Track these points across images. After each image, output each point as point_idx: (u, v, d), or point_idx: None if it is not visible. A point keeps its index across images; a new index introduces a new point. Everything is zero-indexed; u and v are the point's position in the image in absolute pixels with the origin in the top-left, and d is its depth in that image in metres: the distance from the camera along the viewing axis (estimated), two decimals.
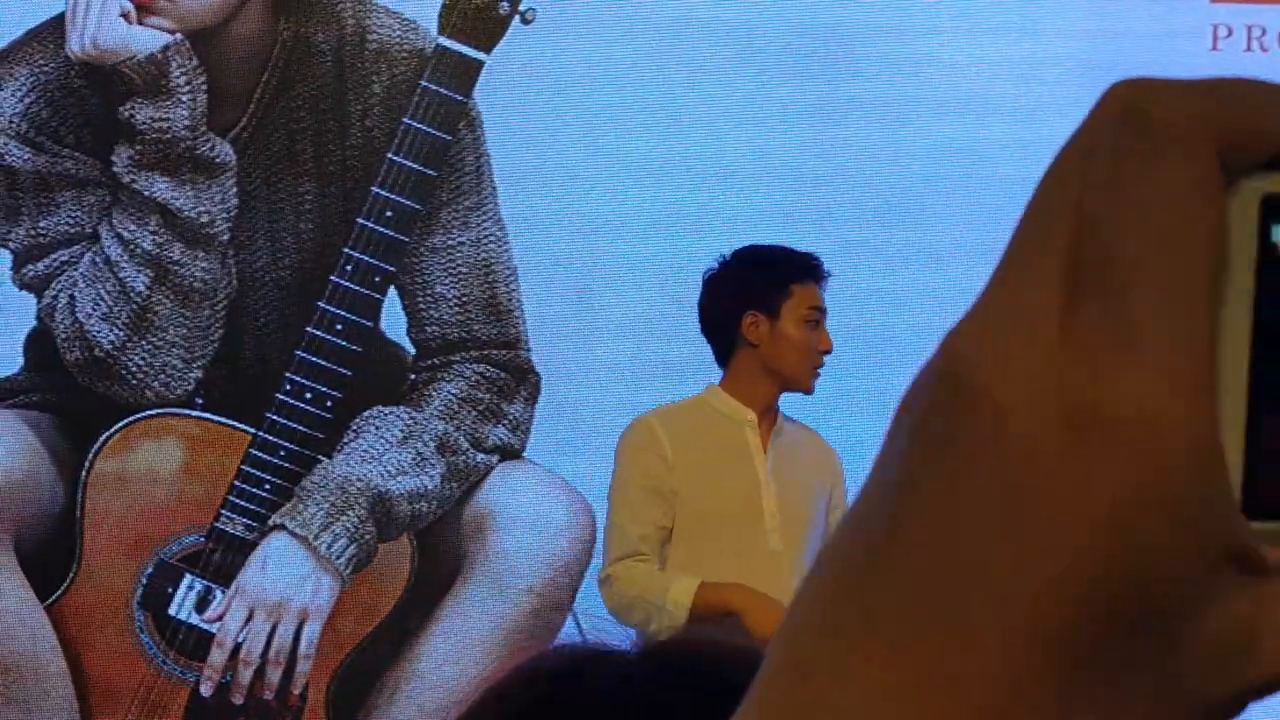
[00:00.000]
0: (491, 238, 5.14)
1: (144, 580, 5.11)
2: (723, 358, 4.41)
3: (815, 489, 4.29)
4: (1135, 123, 0.45)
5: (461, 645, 4.99)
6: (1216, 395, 0.44)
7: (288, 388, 5.06)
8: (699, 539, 4.26)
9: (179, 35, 5.04)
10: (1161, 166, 0.44)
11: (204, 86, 5.05)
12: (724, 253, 4.42)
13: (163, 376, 5.12)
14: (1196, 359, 0.43)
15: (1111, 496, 0.43)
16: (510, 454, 5.15)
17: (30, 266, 5.15)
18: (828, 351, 4.32)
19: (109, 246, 5.10)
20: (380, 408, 5.07)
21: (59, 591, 5.10)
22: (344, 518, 5.00)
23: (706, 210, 5.18)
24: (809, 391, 4.36)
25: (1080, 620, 0.43)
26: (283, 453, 5.06)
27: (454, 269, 5.12)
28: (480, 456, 5.12)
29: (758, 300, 4.28)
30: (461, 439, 5.09)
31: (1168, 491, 0.43)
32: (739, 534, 4.23)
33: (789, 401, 4.41)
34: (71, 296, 5.12)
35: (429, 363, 5.14)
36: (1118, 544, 0.43)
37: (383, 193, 5.05)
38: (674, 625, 4.07)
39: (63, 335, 5.13)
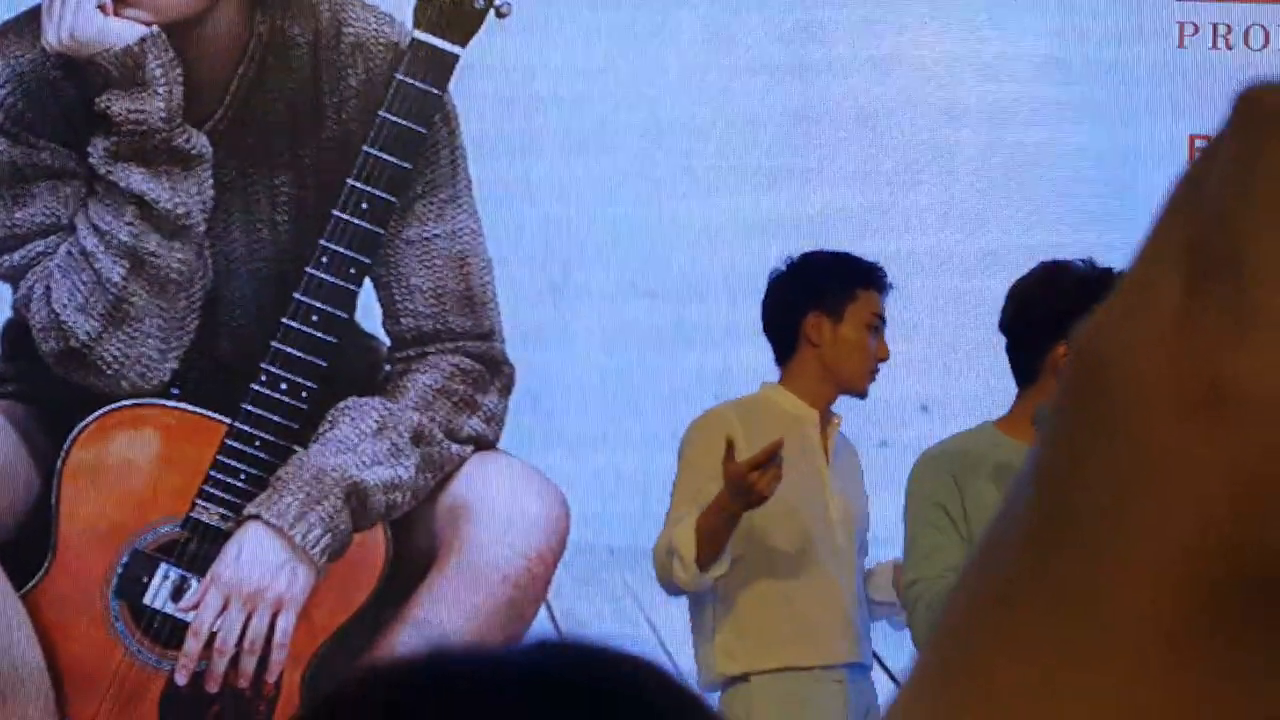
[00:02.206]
0: (466, 230, 5.18)
1: (119, 569, 5.13)
2: (782, 357, 4.46)
3: (861, 491, 4.46)
4: (1250, 118, 0.46)
5: (436, 635, 5.02)
6: None
7: (263, 378, 5.09)
8: (767, 532, 4.29)
9: (155, 27, 5.07)
10: (1276, 159, 0.46)
11: (180, 79, 5.08)
12: (791, 255, 4.48)
13: (138, 367, 5.15)
14: None
15: (1242, 470, 0.45)
16: (484, 445, 5.19)
17: (6, 257, 5.17)
18: (884, 359, 4.39)
19: (85, 237, 5.12)
20: (355, 398, 5.11)
21: (34, 581, 5.12)
22: (319, 507, 5.03)
23: (680, 209, 5.22)
24: (863, 395, 4.46)
25: (1216, 590, 0.44)
26: (258, 443, 5.09)
27: (429, 261, 5.16)
28: (455, 447, 5.15)
29: (822, 302, 4.34)
30: (436, 430, 5.13)
31: None
32: (807, 529, 4.29)
33: None
34: (47, 287, 5.14)
35: (404, 354, 5.18)
36: (1249, 517, 0.44)
37: (358, 185, 5.08)
38: (687, 565, 4.14)
39: (38, 326, 5.15)
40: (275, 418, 5.08)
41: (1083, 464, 0.46)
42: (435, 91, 5.09)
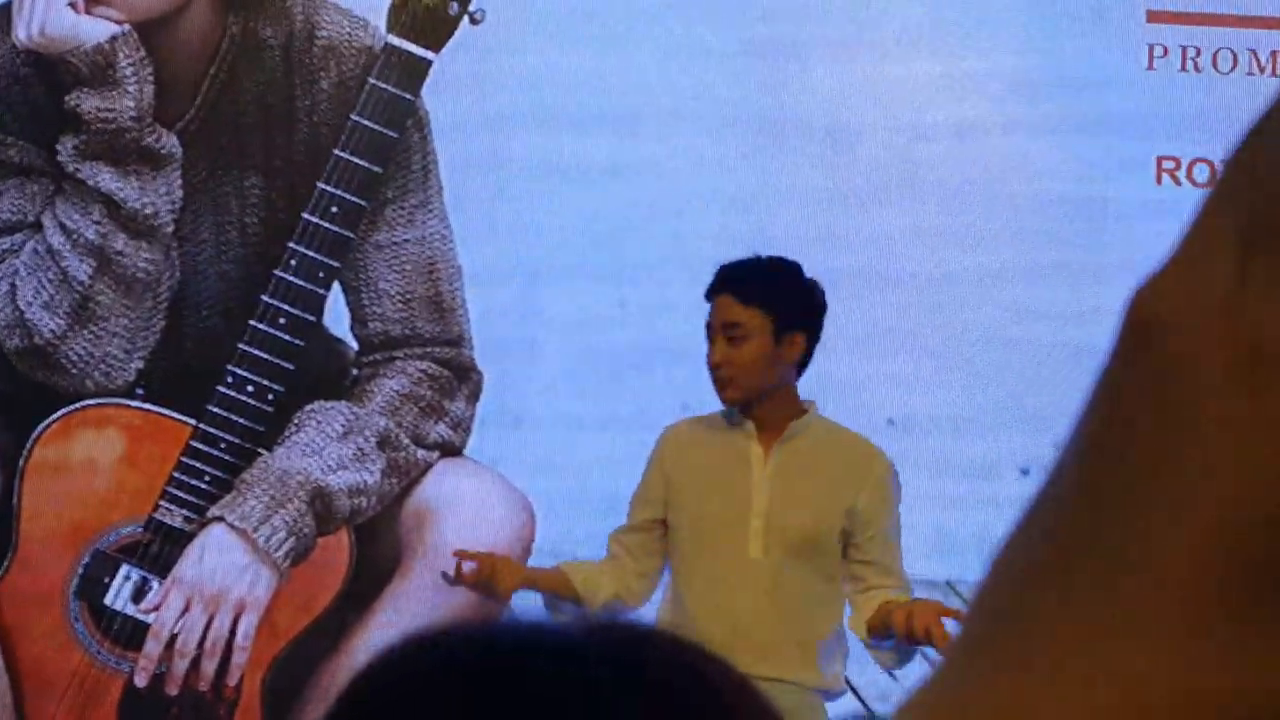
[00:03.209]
0: (436, 236, 5.18)
1: (80, 569, 5.11)
2: None
3: (826, 496, 4.23)
4: None
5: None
6: None
7: (229, 380, 5.07)
8: (687, 545, 4.30)
9: (127, 26, 5.05)
10: None
11: (151, 78, 5.06)
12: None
13: (103, 366, 5.12)
14: None
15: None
16: (451, 451, 5.18)
17: None
18: (711, 367, 4.29)
19: (51, 235, 5.10)
20: (322, 402, 5.09)
21: None
22: (283, 510, 5.02)
23: (653, 214, 5.23)
24: (723, 404, 4.35)
25: (1256, 553, 0.45)
26: (223, 445, 5.07)
27: (398, 266, 5.15)
28: (421, 453, 5.15)
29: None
30: (402, 435, 5.12)
31: None
32: (721, 541, 4.26)
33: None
34: (13, 285, 5.11)
35: (371, 359, 5.17)
36: None
37: (329, 189, 5.07)
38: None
39: (3, 323, 5.12)
40: (241, 420, 5.07)
41: (1132, 427, 0.47)
42: (407, 96, 5.09)
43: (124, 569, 5.10)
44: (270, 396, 5.07)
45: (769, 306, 4.20)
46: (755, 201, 5.24)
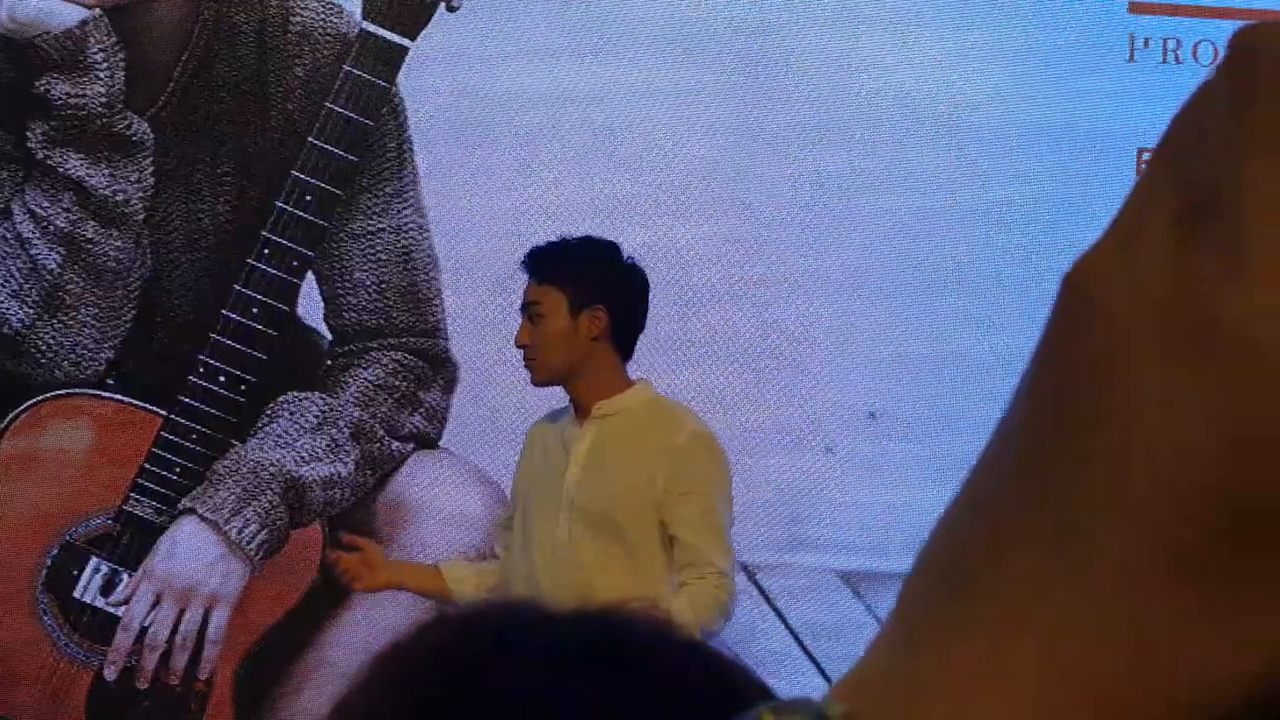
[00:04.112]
0: (412, 225, 5.12)
1: (49, 562, 5.04)
2: None
3: (628, 475, 4.12)
4: (1244, 60, 0.46)
5: (373, 634, 4.96)
6: None
7: (201, 370, 5.01)
8: (518, 536, 4.33)
9: (98, 10, 4.98)
10: (1270, 98, 0.45)
11: (122, 63, 4.99)
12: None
13: (73, 356, 5.06)
14: None
15: (1228, 405, 0.43)
16: (426, 443, 5.13)
17: None
18: (519, 346, 4.26)
19: (20, 223, 5.03)
20: (295, 393, 5.04)
21: None
22: (256, 503, 4.96)
23: (630, 202, 5.19)
24: (534, 385, 4.31)
25: (1198, 524, 0.44)
26: (194, 436, 5.01)
27: (373, 255, 5.09)
28: (395, 444, 5.09)
29: None
30: (377, 426, 5.07)
31: (1277, 412, 0.43)
32: (540, 528, 4.24)
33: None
34: None
35: (346, 349, 5.11)
36: (1233, 452, 0.43)
37: (303, 177, 5.01)
38: None
39: None
40: (213, 411, 5.00)
41: (1068, 408, 0.45)
42: (383, 84, 5.03)
43: (93, 561, 5.03)
44: (243, 387, 5.01)
45: (562, 283, 4.16)
46: (736, 197, 5.20)
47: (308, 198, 5.01)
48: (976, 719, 0.44)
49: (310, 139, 5.01)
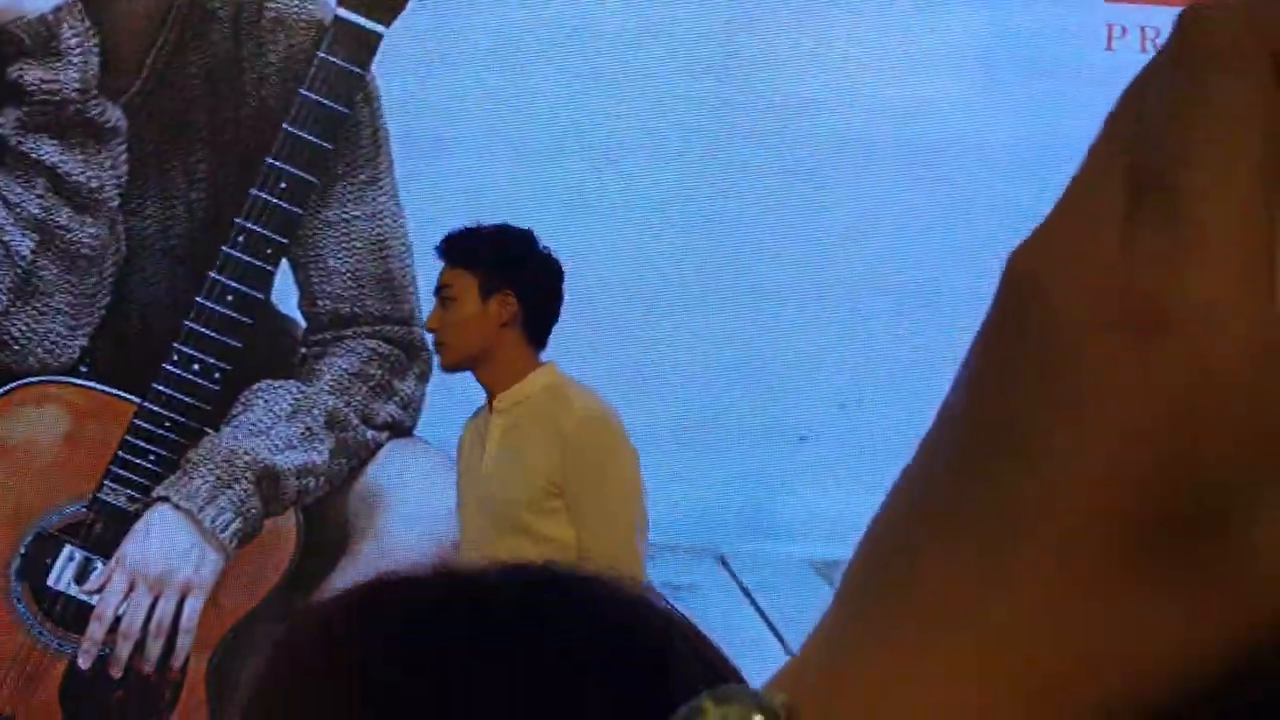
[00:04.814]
0: (387, 213, 5.11)
1: (22, 550, 5.02)
2: None
3: (527, 473, 4.05)
4: (1187, 39, 0.46)
5: None
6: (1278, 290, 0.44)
7: (175, 358, 4.99)
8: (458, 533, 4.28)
9: None
10: (1213, 78, 0.45)
11: (96, 49, 4.97)
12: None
13: (46, 343, 5.04)
14: (1255, 255, 0.43)
15: (1171, 388, 0.43)
16: (401, 431, 5.12)
17: None
18: (429, 329, 4.24)
19: None
20: (270, 381, 5.02)
21: None
22: (230, 491, 4.95)
23: (603, 190, 5.18)
24: (442, 370, 4.28)
25: (1139, 510, 0.43)
26: (168, 424, 4.99)
27: (348, 243, 5.08)
28: (370, 433, 5.08)
29: None
30: (352, 415, 5.05)
31: (1225, 386, 0.43)
32: (465, 524, 4.21)
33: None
34: None
35: (320, 337, 5.10)
36: (1176, 436, 0.43)
37: (277, 164, 4.99)
38: None
39: None
40: (186, 398, 4.99)
41: (1011, 384, 0.45)
42: (357, 71, 5.01)
43: (67, 550, 5.02)
44: (217, 375, 4.99)
45: (473, 266, 4.11)
46: (707, 180, 5.19)
47: (282, 185, 4.99)
48: (915, 714, 0.44)
49: (285, 125, 4.99)
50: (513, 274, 4.12)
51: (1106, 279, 0.44)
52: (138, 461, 5.00)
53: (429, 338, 5.08)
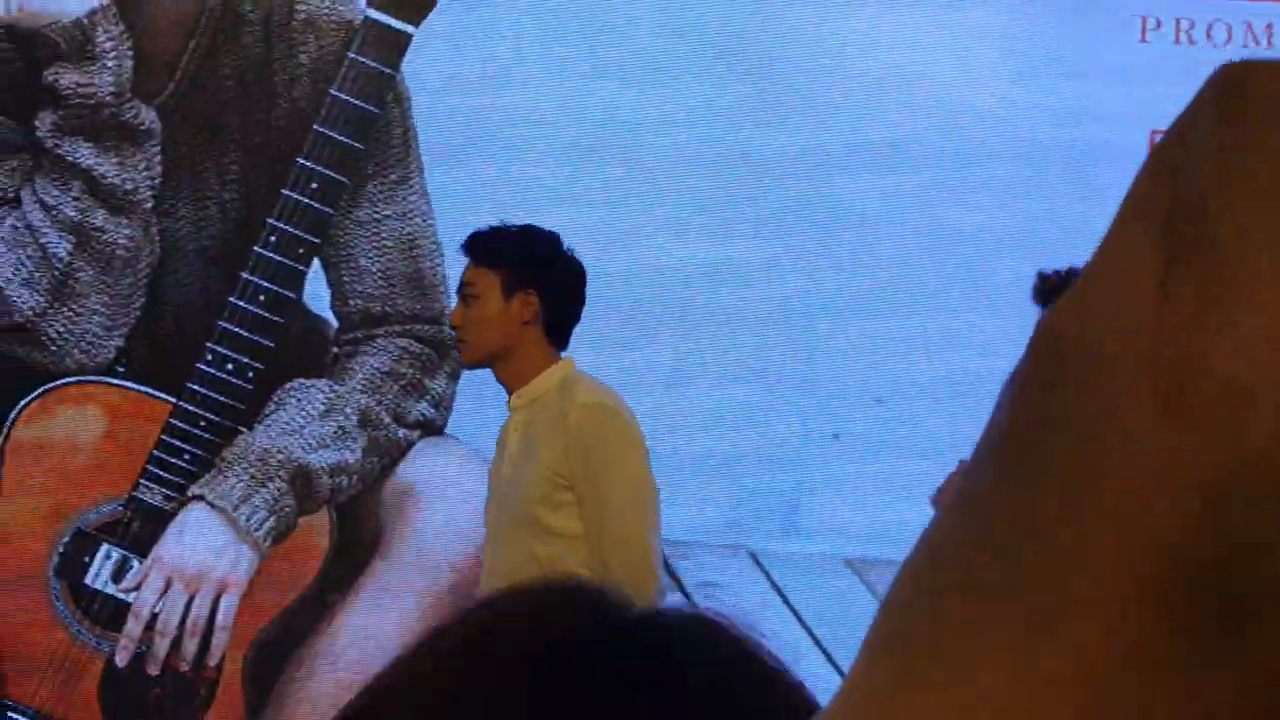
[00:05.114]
0: (417, 212, 5.12)
1: (61, 548, 5.08)
2: None
3: (538, 469, 4.06)
4: (1232, 95, 0.44)
5: (380, 619, 4.98)
6: None
7: (209, 358, 5.03)
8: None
9: (106, 0, 5.00)
10: (1258, 135, 0.44)
11: (130, 52, 5.01)
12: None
13: (83, 344, 5.09)
14: None
15: (1204, 465, 0.42)
16: (432, 429, 5.14)
17: None
18: (451, 326, 4.27)
19: (30, 212, 5.06)
20: (302, 380, 5.05)
21: None
22: (264, 490, 4.98)
23: (631, 189, 5.18)
24: (463, 366, 4.35)
25: (1177, 593, 0.43)
26: (203, 423, 5.04)
27: (379, 243, 5.10)
28: (402, 431, 5.11)
29: None
30: (383, 413, 5.08)
31: (1261, 466, 0.42)
32: (490, 521, 4.21)
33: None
34: None
35: (352, 336, 5.12)
36: (1207, 514, 0.42)
37: (308, 164, 5.02)
38: None
39: None
40: (221, 398, 5.03)
41: (1046, 448, 0.44)
42: (387, 71, 5.04)
43: (104, 548, 5.07)
44: (250, 374, 5.03)
45: (496, 265, 4.13)
46: (741, 178, 5.18)
47: (314, 185, 5.02)
48: None
49: (316, 126, 5.02)
50: (536, 274, 4.14)
51: (1144, 342, 0.43)
52: (173, 460, 5.04)
53: None
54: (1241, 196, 0.43)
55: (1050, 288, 3.87)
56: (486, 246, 4.17)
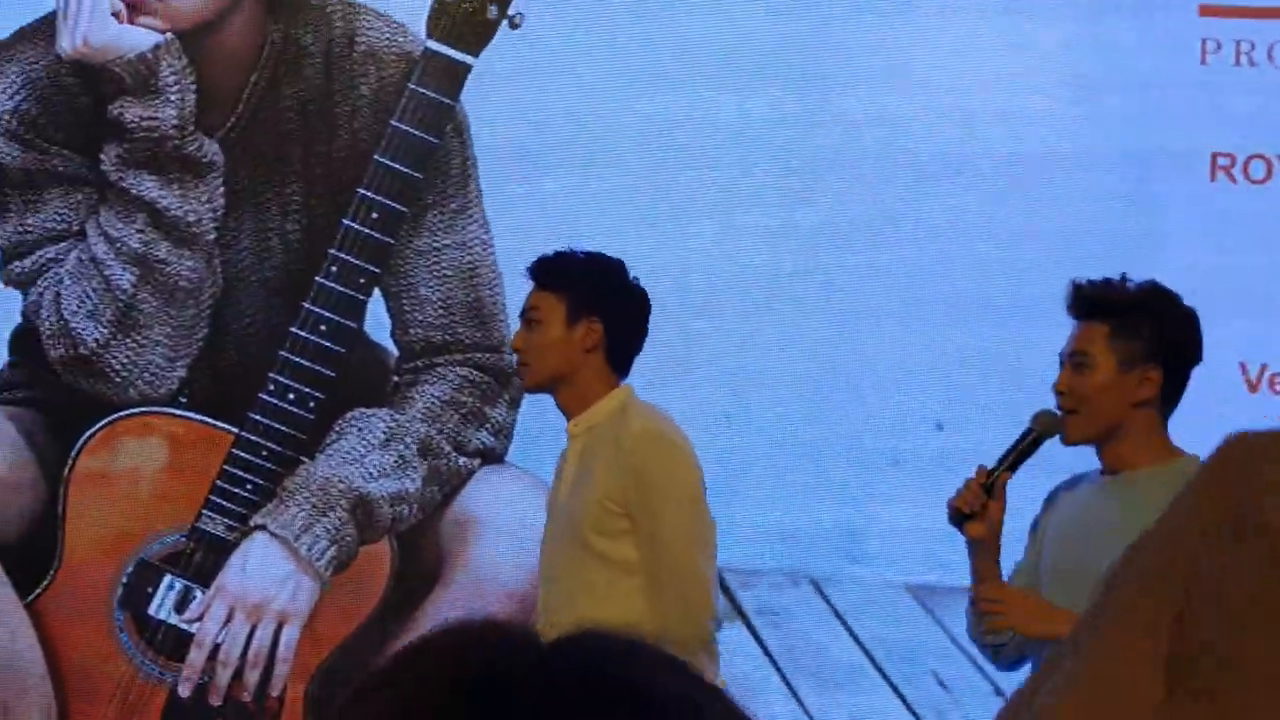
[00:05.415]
0: (477, 241, 5.14)
1: (124, 579, 5.10)
2: None
3: (594, 495, 4.05)
4: (1250, 531, 0.44)
5: None
6: None
7: (271, 388, 5.05)
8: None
9: (169, 34, 5.05)
10: (1272, 580, 0.44)
11: (193, 86, 5.06)
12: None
13: (147, 375, 5.12)
14: None
15: None
16: (492, 458, 5.14)
17: (17, 263, 5.15)
18: (514, 350, 4.25)
19: (95, 244, 5.10)
20: (363, 409, 5.07)
21: (40, 589, 5.09)
22: (325, 519, 5.00)
23: (692, 217, 5.18)
24: (524, 390, 4.34)
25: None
26: (265, 453, 5.05)
27: (439, 272, 5.12)
28: (462, 460, 5.11)
29: None
30: (444, 442, 5.09)
31: None
32: (546, 545, 4.18)
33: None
34: (57, 293, 5.12)
35: (412, 365, 5.14)
36: None
37: (369, 195, 5.05)
38: None
39: (48, 332, 5.13)
40: (282, 428, 5.05)
41: None
42: (447, 101, 5.06)
43: (167, 579, 5.09)
44: (312, 404, 5.05)
45: (560, 290, 4.13)
46: (798, 197, 5.17)
47: (374, 215, 5.05)
48: None
49: (376, 157, 5.04)
50: (601, 301, 4.14)
51: None
52: (236, 490, 5.06)
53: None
54: (1246, 646, 0.43)
55: (1084, 297, 3.83)
56: (552, 271, 4.18)
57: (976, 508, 3.87)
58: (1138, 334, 3.79)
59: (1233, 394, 5.08)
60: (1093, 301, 3.82)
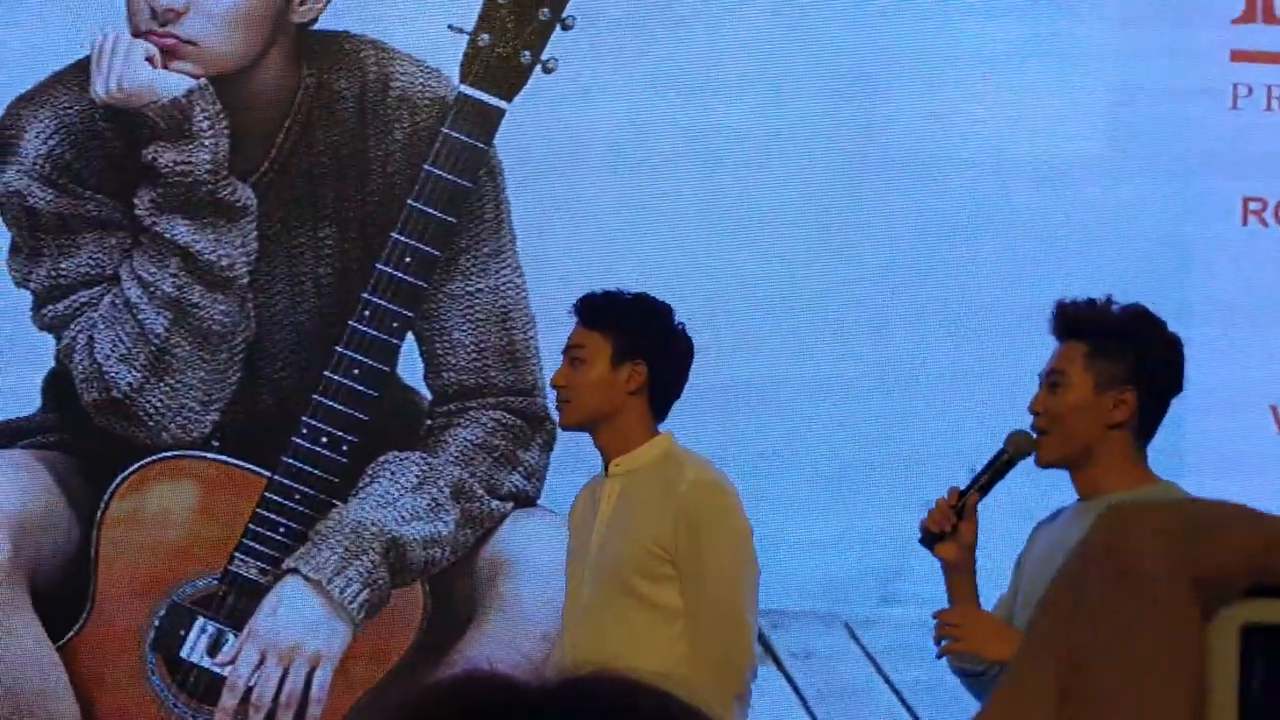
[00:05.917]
0: (510, 285, 5.16)
1: (157, 622, 5.10)
2: None
3: (640, 539, 4.03)
4: (1116, 565, 0.51)
5: None
6: None
7: (304, 431, 5.06)
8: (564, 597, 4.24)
9: (203, 80, 5.07)
10: (1141, 608, 0.50)
11: (226, 131, 5.08)
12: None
13: (180, 418, 5.13)
14: None
15: None
16: (525, 501, 5.15)
17: (50, 307, 5.17)
18: (554, 389, 4.23)
19: (129, 288, 5.12)
20: (396, 453, 5.07)
21: (72, 632, 5.09)
22: (358, 563, 5.00)
23: (728, 259, 5.19)
24: (561, 428, 4.31)
25: None
26: (298, 496, 5.06)
27: (472, 315, 5.13)
28: (495, 503, 5.11)
29: None
30: (476, 485, 5.09)
31: None
32: (571, 586, 4.18)
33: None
34: (90, 337, 5.13)
35: (445, 408, 5.15)
36: None
37: (402, 239, 5.06)
38: None
39: (81, 376, 5.14)
40: (315, 471, 5.05)
41: None
42: (480, 145, 5.08)
43: (200, 622, 5.09)
44: (344, 447, 5.05)
45: (607, 331, 4.12)
46: (839, 238, 5.18)
47: (407, 259, 5.06)
48: None
49: (410, 201, 5.06)
50: (648, 344, 4.14)
51: None
52: (268, 533, 5.07)
53: (552, 407, 5.12)
54: (1122, 671, 0.47)
55: (1066, 317, 3.79)
56: (601, 310, 4.18)
57: (947, 528, 3.88)
58: (1118, 356, 3.72)
59: (1263, 436, 5.08)
60: (1074, 321, 3.77)
